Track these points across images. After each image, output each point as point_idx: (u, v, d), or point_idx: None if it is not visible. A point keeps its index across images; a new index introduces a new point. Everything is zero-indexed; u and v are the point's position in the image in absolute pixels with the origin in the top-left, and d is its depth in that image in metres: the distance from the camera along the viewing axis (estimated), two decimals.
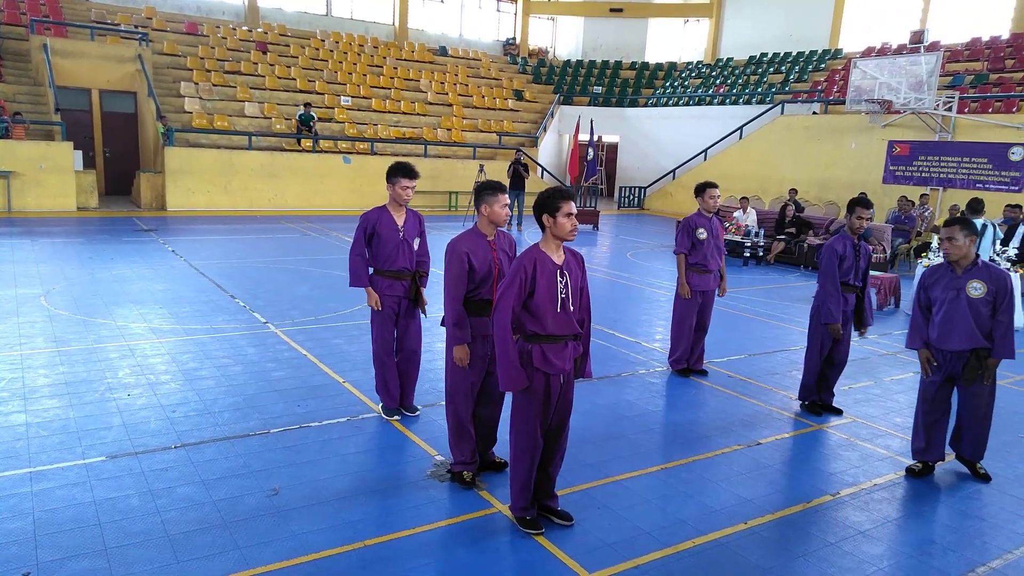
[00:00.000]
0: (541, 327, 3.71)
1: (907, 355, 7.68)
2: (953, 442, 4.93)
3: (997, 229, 9.95)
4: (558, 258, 3.77)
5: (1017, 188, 15.72)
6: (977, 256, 4.63)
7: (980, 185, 16.26)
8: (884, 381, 6.95)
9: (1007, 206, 12.85)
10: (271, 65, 22.43)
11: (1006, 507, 4.46)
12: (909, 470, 4.87)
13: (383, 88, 23.87)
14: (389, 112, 22.85)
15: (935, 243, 10.65)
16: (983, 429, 4.77)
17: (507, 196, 4.29)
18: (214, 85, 20.46)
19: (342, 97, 22.22)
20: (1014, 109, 17.16)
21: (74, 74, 18.46)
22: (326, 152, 19.81)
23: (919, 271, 9.94)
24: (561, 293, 3.72)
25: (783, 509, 4.31)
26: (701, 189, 6.68)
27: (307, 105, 19.91)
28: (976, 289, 4.52)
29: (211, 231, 14.67)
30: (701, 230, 6.63)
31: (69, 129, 16.97)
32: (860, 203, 5.71)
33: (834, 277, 5.70)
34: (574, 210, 3.73)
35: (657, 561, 3.68)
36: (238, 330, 7.51)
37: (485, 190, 4.26)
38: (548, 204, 3.71)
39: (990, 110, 17.55)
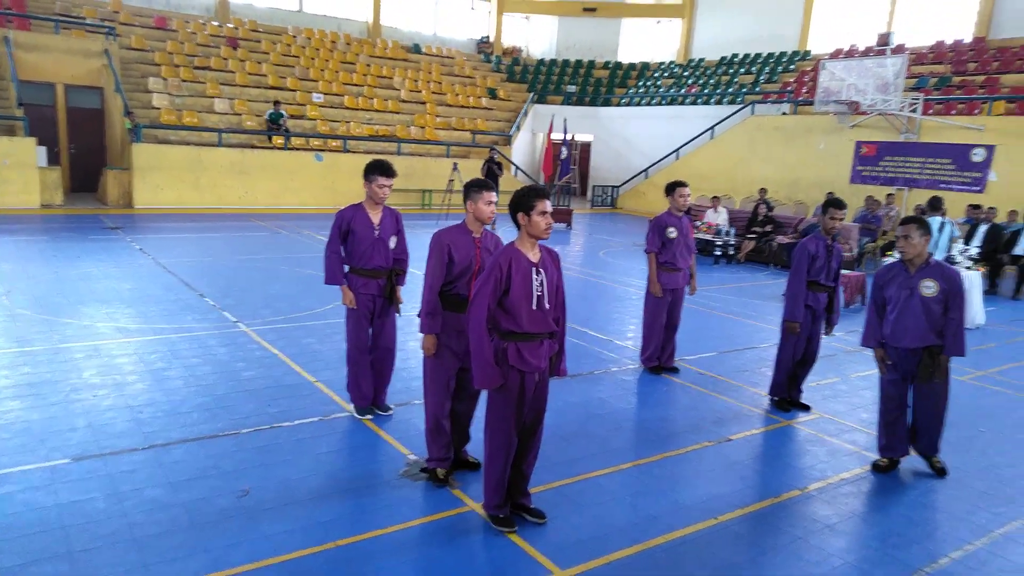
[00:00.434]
0: (516, 325, 3.71)
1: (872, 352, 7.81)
2: (910, 437, 5.02)
3: (955, 228, 10.18)
4: (534, 256, 3.78)
5: (978, 188, 16.09)
6: (930, 255, 4.73)
7: (943, 185, 16.61)
8: (850, 377, 7.07)
9: (969, 206, 13.20)
10: (242, 61, 22.14)
11: (967, 500, 4.57)
12: (875, 465, 4.97)
13: (356, 85, 23.69)
14: (362, 110, 22.69)
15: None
16: (938, 425, 4.85)
17: (493, 194, 4.27)
18: (183, 81, 20.14)
19: (314, 94, 22.01)
20: (976, 111, 17.55)
21: (38, 68, 18.04)
22: (298, 149, 19.61)
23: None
24: (537, 291, 3.74)
25: (752, 504, 4.37)
26: (671, 188, 6.72)
27: (277, 103, 19.68)
28: (928, 288, 4.61)
29: (180, 229, 14.45)
30: (671, 229, 6.68)
31: (32, 124, 16.58)
32: (834, 204, 5.78)
33: (801, 276, 5.79)
34: (549, 208, 3.74)
35: (629, 557, 3.71)
36: (207, 329, 7.41)
37: (471, 187, 4.27)
38: (523, 202, 3.72)
39: (953, 112, 17.93)
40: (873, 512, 4.38)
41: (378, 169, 5.09)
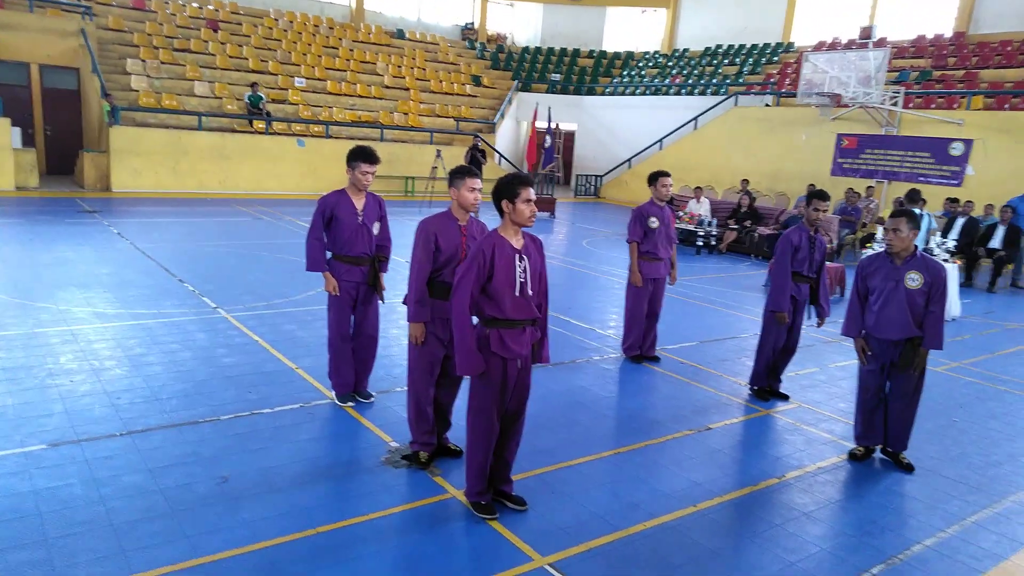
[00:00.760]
0: (500, 311, 3.72)
1: (850, 343, 7.91)
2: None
3: (933, 220, 10.31)
4: (517, 243, 3.78)
5: (956, 182, 16.29)
6: (915, 248, 4.75)
7: (922, 179, 16.80)
8: (829, 367, 7.15)
9: (947, 199, 13.37)
10: (222, 44, 21.83)
11: (940, 488, 4.65)
12: (851, 454, 5.04)
13: (339, 70, 23.45)
14: (345, 95, 22.48)
15: (879, 234, 10.99)
16: (909, 417, 4.87)
17: (477, 180, 4.24)
18: (162, 63, 19.82)
19: (296, 79, 21.76)
20: (955, 106, 17.74)
21: (11, 47, 17.68)
22: (279, 134, 19.40)
23: None
24: (520, 277, 3.74)
25: (732, 492, 4.42)
26: (654, 178, 6.74)
27: (254, 85, 19.43)
28: (914, 280, 4.65)
29: (159, 213, 14.26)
30: (653, 219, 6.69)
31: (6, 105, 16.27)
32: (818, 195, 5.81)
33: (785, 267, 5.83)
34: (533, 196, 3.74)
35: (609, 544, 3.74)
36: (187, 315, 7.34)
37: (455, 174, 4.25)
38: (507, 190, 3.71)
39: (933, 106, 18.12)
40: (849, 500, 4.45)
41: (361, 156, 5.05)
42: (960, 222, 12.70)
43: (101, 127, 17.33)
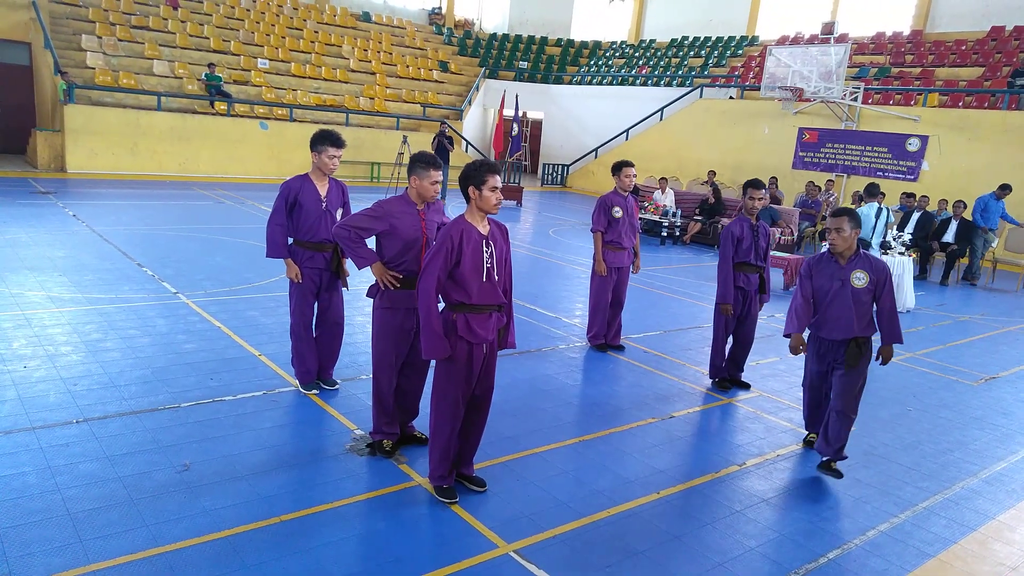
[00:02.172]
0: (466, 296, 3.72)
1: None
2: (822, 436, 4.78)
3: (891, 214, 10.56)
4: (483, 229, 3.79)
5: (912, 177, 16.71)
6: (858, 247, 4.64)
7: (880, 173, 17.20)
8: (788, 357, 7.30)
9: (903, 194, 13.70)
10: (183, 22, 21.26)
11: (894, 475, 4.80)
12: (806, 441, 5.16)
13: (303, 52, 23.04)
14: (309, 78, 22.10)
15: None
16: (846, 425, 4.61)
17: (439, 173, 4.21)
18: (119, 40, 19.23)
19: (259, 60, 21.32)
20: (912, 102, 18.16)
21: None
22: (242, 116, 19.00)
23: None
24: (487, 263, 3.75)
25: (694, 479, 4.49)
26: (617, 168, 6.79)
27: (211, 66, 18.97)
28: (860, 279, 4.57)
29: (116, 196, 13.89)
30: (617, 208, 6.73)
31: None
32: (752, 184, 5.96)
33: (728, 259, 5.94)
34: (499, 184, 3.75)
35: (574, 531, 3.78)
36: (146, 300, 7.18)
37: (418, 163, 4.20)
38: (474, 177, 3.71)
39: (891, 102, 18.52)
40: (806, 486, 4.56)
41: (327, 139, 4.97)
42: (915, 216, 13.04)
43: (55, 105, 16.78)
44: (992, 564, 3.83)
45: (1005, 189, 12.67)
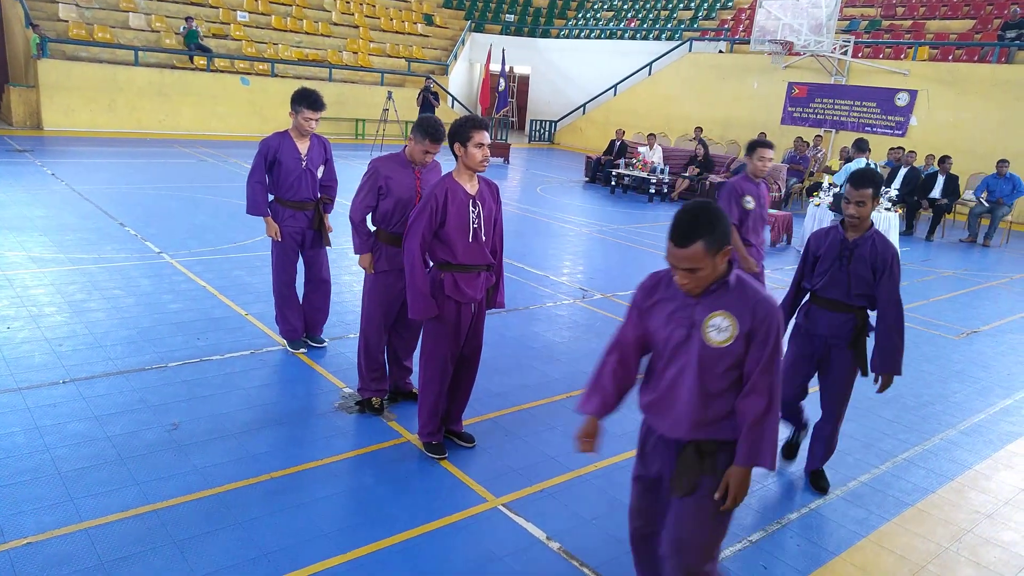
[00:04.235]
0: (452, 256, 3.70)
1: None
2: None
3: (879, 170, 10.56)
4: (471, 188, 3.74)
5: (900, 132, 16.67)
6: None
7: (868, 128, 17.14)
8: None
9: (891, 149, 13.68)
10: None
11: (876, 428, 4.89)
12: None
13: (284, 5, 22.45)
14: (291, 31, 21.58)
15: (826, 183, 11.21)
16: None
17: (436, 146, 4.15)
18: None
19: (239, 12, 20.77)
20: (902, 56, 18.02)
21: None
22: (222, 72, 18.59)
23: (811, 209, 10.47)
24: (473, 223, 3.71)
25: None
26: (752, 148, 5.32)
27: (189, 19, 18.46)
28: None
29: (96, 154, 13.63)
30: (748, 198, 5.26)
31: None
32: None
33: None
34: (486, 140, 3.68)
35: (562, 484, 3.84)
36: (130, 260, 7.11)
37: (417, 127, 4.10)
38: (460, 133, 3.65)
39: (881, 56, 18.36)
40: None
41: (305, 100, 4.85)
42: (903, 172, 13.04)
43: (27, 60, 16.32)
44: (968, 512, 3.93)
45: (1003, 164, 12.49)
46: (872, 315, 3.89)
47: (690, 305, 2.40)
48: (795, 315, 4.09)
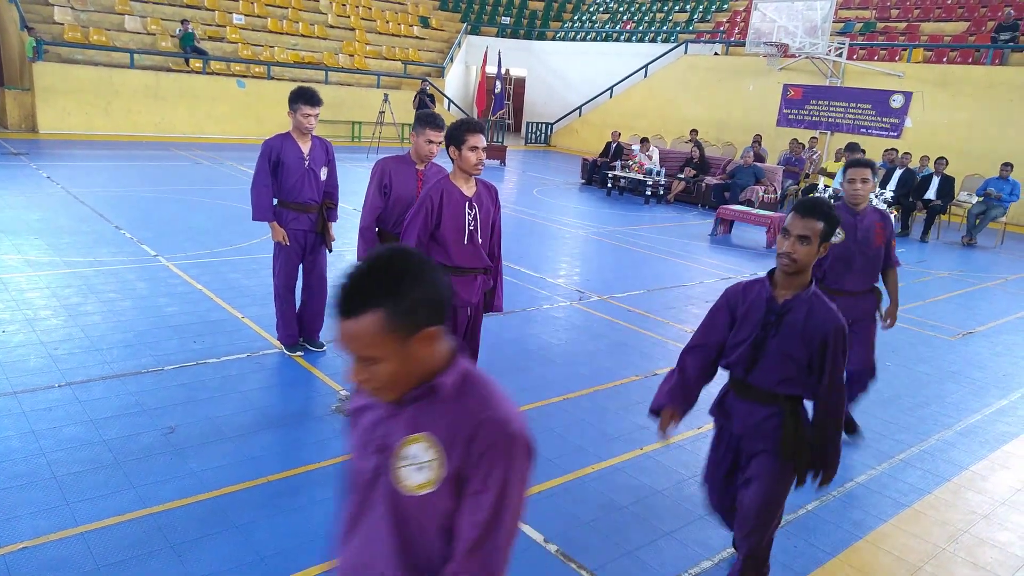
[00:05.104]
0: (447, 258, 3.71)
1: None
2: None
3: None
4: (468, 190, 3.74)
5: (896, 134, 16.72)
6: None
7: (864, 130, 17.18)
8: None
9: (886, 150, 13.72)
10: None
11: (873, 428, 4.89)
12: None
13: (279, 7, 22.43)
14: (287, 34, 21.57)
15: (821, 184, 11.26)
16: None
17: (437, 133, 4.29)
18: None
19: (234, 15, 20.75)
20: (897, 58, 18.07)
21: None
22: (218, 74, 18.57)
23: None
24: (469, 225, 3.72)
25: (676, 435, 4.56)
26: (846, 166, 4.33)
27: (185, 22, 18.44)
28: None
29: (91, 157, 13.60)
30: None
31: None
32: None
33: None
34: (481, 143, 3.68)
35: (559, 486, 3.84)
36: (125, 263, 7.09)
37: (417, 120, 4.26)
38: (454, 136, 3.66)
39: (876, 58, 18.42)
40: None
41: (302, 97, 4.87)
42: (898, 173, 13.08)
43: (23, 62, 16.28)
44: (964, 512, 3.94)
45: (1007, 167, 12.51)
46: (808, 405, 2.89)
47: (389, 418, 1.51)
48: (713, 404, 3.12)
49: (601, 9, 28.07)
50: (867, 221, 4.30)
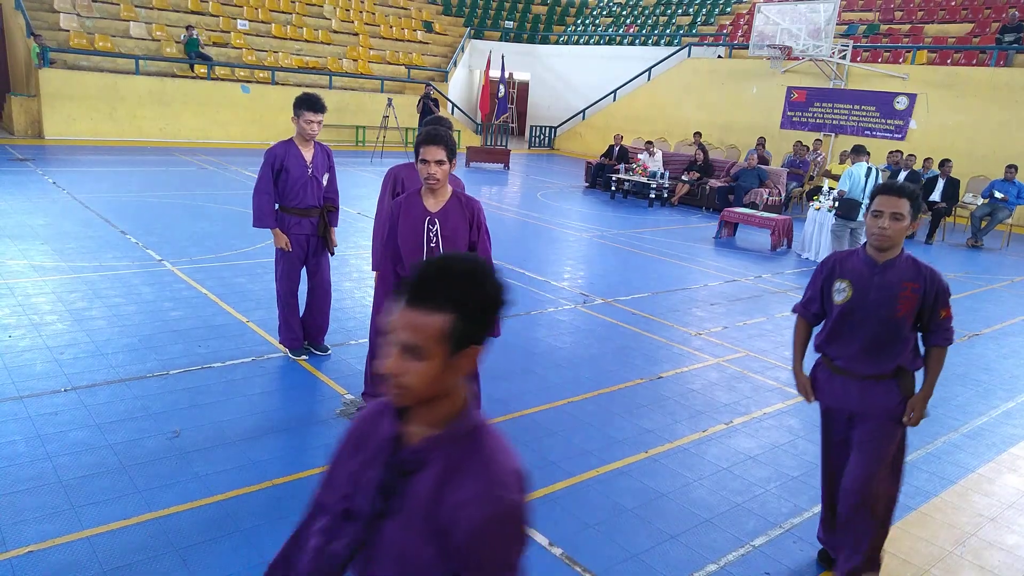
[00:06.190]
0: (404, 271, 3.67)
1: (797, 293, 8.13)
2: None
3: (879, 173, 10.55)
4: (433, 205, 3.68)
5: (900, 136, 16.69)
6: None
7: (868, 132, 17.15)
8: (775, 317, 7.36)
9: (890, 152, 13.68)
10: None
11: None
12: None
13: (284, 12, 22.52)
14: (291, 39, 21.65)
15: (826, 187, 11.22)
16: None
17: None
18: (94, 1, 18.71)
19: (239, 21, 20.83)
20: (900, 60, 18.05)
21: None
22: (222, 80, 18.64)
23: (811, 213, 10.47)
24: (430, 241, 3.64)
25: (681, 438, 4.55)
26: (874, 193, 3.11)
27: (190, 28, 18.51)
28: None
29: (97, 162, 13.66)
30: (842, 283, 3.08)
31: None
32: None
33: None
34: (431, 156, 3.50)
35: (564, 489, 3.84)
36: (131, 268, 7.11)
37: (416, 141, 4.28)
38: (415, 151, 3.60)
39: (879, 60, 18.39)
40: (793, 443, 4.63)
41: (305, 104, 4.89)
42: (902, 175, 13.04)
43: (29, 69, 16.37)
44: (971, 515, 3.92)
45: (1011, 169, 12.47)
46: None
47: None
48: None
49: (604, 13, 28.11)
50: (891, 276, 2.98)
